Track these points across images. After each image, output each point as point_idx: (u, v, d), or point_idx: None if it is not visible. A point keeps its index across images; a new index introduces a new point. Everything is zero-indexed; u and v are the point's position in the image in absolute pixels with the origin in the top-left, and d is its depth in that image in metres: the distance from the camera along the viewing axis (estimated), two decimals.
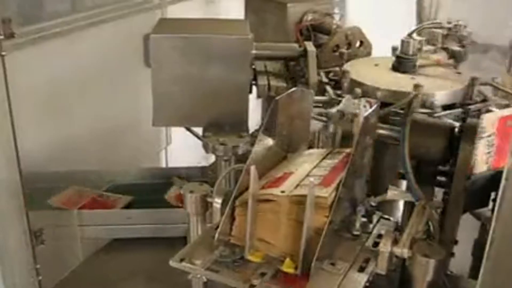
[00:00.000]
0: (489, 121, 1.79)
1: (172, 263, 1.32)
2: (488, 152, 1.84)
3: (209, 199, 1.55)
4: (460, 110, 2.10)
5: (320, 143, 1.87)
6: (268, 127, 1.45)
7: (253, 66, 2.30)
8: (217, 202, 1.51)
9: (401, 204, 2.01)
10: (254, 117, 2.41)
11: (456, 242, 1.79)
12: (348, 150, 1.56)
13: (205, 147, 2.14)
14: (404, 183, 1.77)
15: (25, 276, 1.88)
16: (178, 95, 2.17)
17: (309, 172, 1.43)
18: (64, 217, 2.32)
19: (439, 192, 1.78)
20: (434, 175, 1.70)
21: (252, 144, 2.22)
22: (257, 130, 2.78)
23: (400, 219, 1.81)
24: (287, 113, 1.53)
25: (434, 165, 1.68)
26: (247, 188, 1.39)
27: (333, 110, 1.69)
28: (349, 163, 1.30)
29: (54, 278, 2.20)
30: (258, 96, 2.58)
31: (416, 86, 1.97)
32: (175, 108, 2.20)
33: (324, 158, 1.53)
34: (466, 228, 1.88)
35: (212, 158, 2.89)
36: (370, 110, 1.38)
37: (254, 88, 2.32)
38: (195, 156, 3.09)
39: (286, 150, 1.59)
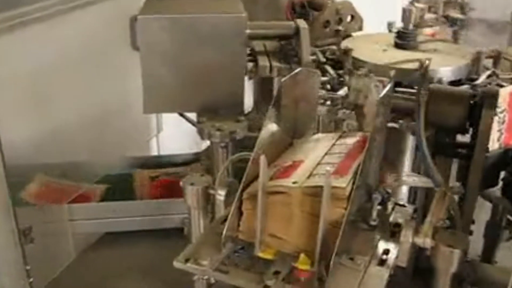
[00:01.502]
0: (501, 96, 1.70)
1: (177, 263, 1.20)
2: (499, 130, 1.76)
3: (211, 191, 1.44)
4: (467, 86, 2.02)
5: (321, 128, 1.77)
6: (274, 111, 1.34)
7: (252, 46, 2.19)
8: (221, 194, 1.40)
9: (404, 189, 1.92)
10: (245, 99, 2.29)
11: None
12: (359, 134, 1.45)
13: (201, 133, 2.04)
14: None
15: (15, 278, 1.76)
16: (169, 79, 2.06)
17: (321, 160, 1.32)
18: (53, 212, 2.20)
19: None
20: (452, 145, 1.62)
21: (250, 129, 2.13)
22: (250, 113, 2.68)
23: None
24: (292, 96, 1.42)
25: (453, 134, 1.59)
26: (253, 179, 1.28)
27: (340, 93, 1.57)
28: (366, 148, 1.20)
29: (47, 276, 2.09)
30: (250, 78, 2.48)
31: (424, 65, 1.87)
32: (167, 94, 2.08)
33: (334, 143, 1.42)
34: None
35: (204, 145, 2.79)
36: (385, 90, 1.27)
37: None
38: (188, 143, 2.98)
39: (292, 136, 1.48)
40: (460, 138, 1.75)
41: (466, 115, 1.54)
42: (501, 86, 2.07)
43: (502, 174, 1.98)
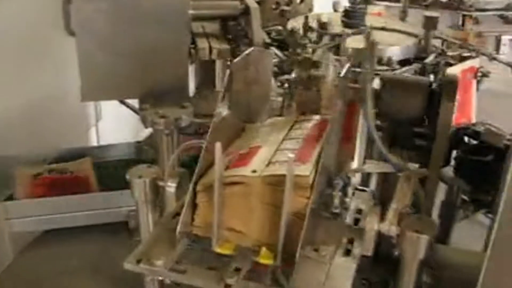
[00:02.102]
0: None
1: (127, 265, 1.10)
2: None
3: (160, 183, 1.34)
4: (417, 65, 1.99)
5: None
6: (225, 96, 1.25)
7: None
8: (171, 186, 1.30)
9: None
10: None
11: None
12: (316, 116, 1.37)
13: (143, 120, 1.94)
14: None
15: None
16: (108, 64, 1.94)
17: (279, 146, 1.24)
18: None
19: None
20: (410, 136, 1.55)
21: (196, 115, 2.03)
22: (193, 98, 2.57)
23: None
24: (244, 79, 1.33)
25: (410, 126, 1.52)
26: (207, 169, 1.19)
27: (292, 75, 1.49)
28: (326, 134, 1.12)
29: None
30: (192, 62, 2.39)
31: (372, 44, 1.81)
32: (106, 80, 1.96)
33: (291, 127, 1.33)
34: None
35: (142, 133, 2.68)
36: (345, 69, 1.20)
37: None
38: (129, 132, 2.86)
39: (244, 120, 1.39)
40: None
41: (424, 105, 1.44)
42: (450, 64, 2.05)
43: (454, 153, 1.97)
